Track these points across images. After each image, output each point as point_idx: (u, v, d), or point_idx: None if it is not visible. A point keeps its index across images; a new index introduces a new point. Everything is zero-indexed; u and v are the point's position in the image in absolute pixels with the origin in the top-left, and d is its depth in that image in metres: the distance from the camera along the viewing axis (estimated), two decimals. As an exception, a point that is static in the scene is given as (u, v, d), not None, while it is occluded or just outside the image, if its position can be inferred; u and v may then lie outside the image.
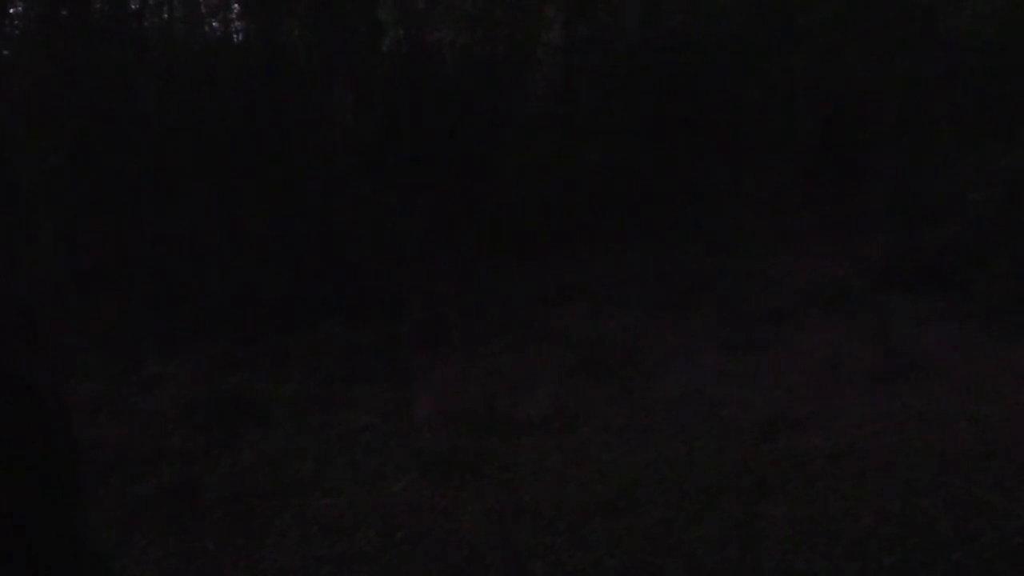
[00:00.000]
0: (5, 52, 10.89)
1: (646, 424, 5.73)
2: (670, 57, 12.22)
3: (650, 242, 9.82)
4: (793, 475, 5.07)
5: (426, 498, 5.02)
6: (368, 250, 8.68)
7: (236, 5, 13.18)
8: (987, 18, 12.60)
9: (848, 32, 11.63)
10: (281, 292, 7.28)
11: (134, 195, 8.89)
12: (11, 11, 11.07)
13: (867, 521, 4.62)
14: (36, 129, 8.57)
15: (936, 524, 4.56)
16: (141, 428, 5.91)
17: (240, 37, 13.01)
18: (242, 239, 8.95)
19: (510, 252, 9.55)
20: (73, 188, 8.70)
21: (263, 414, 6.01)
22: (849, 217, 10.41)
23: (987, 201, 8.52)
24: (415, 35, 12.87)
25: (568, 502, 4.87)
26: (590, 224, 10.31)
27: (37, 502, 1.15)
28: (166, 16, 11.97)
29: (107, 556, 1.29)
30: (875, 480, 5.00)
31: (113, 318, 7.08)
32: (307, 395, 6.28)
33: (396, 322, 7.21)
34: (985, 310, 7.15)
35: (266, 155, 9.50)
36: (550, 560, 4.42)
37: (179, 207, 9.02)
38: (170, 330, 7.07)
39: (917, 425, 5.58)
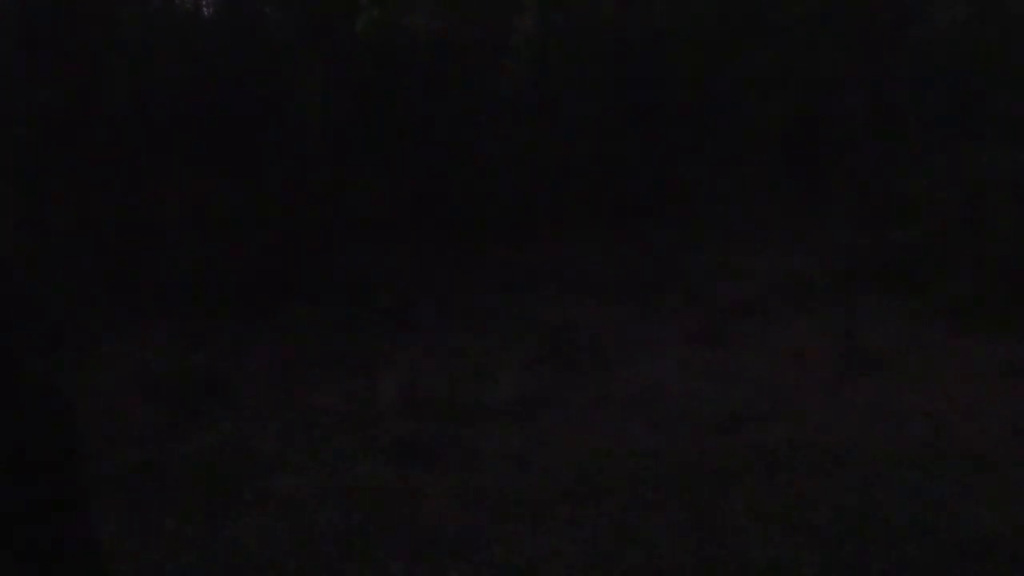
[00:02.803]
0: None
1: (610, 413, 5.75)
2: (644, 48, 12.25)
3: (619, 232, 9.85)
4: (754, 467, 5.12)
5: (388, 481, 5.02)
6: (335, 231, 8.64)
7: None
8: (958, 22, 12.74)
9: (821, 30, 11.72)
10: (246, 271, 7.23)
11: (102, 169, 8.79)
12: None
13: (825, 512, 4.67)
14: (4, 100, 8.45)
15: (892, 517, 4.63)
16: (102, 406, 5.86)
17: (212, 12, 12.87)
18: (209, 216, 8.87)
19: (478, 238, 9.54)
20: (40, 161, 8.59)
21: (226, 394, 5.98)
22: (817, 213, 10.50)
23: (952, 201, 8.63)
24: (390, 17, 12.80)
25: (530, 488, 4.89)
26: (559, 212, 10.33)
27: (50, 499, 1.16)
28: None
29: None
30: (834, 473, 5.06)
31: (76, 293, 7.01)
32: (271, 375, 6.25)
33: (362, 305, 7.19)
34: (947, 308, 7.25)
35: (236, 132, 9.42)
36: (511, 546, 4.43)
37: (146, 182, 8.93)
38: (133, 306, 7.01)
39: (877, 420, 5.66)
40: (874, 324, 7.10)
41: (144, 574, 4.21)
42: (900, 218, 9.17)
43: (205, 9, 13.07)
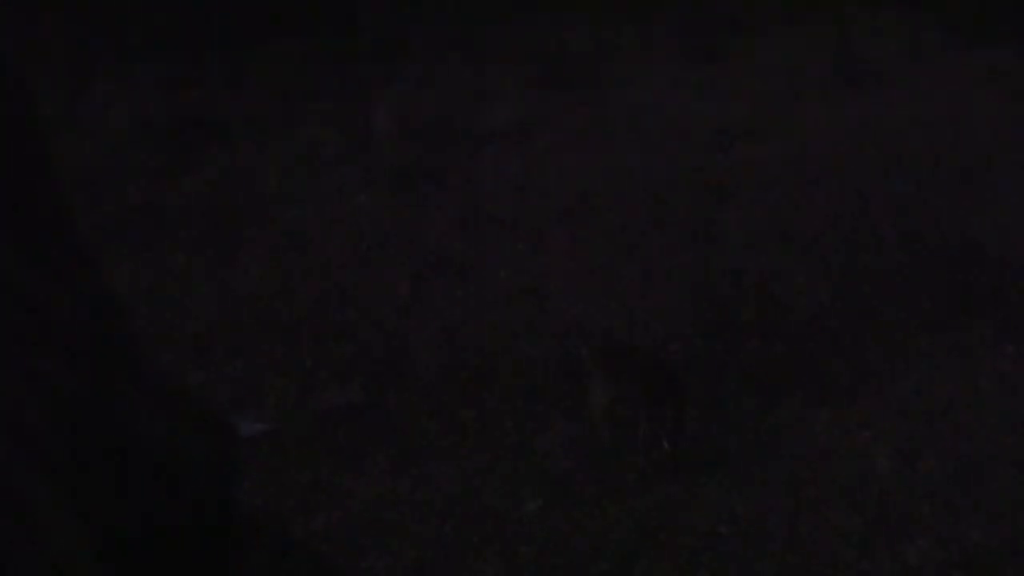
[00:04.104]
0: None
1: (606, 133, 5.77)
2: None
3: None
4: (748, 182, 5.19)
5: (389, 209, 5.10)
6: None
7: None
8: None
9: None
10: (231, 7, 7.01)
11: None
12: None
13: (818, 225, 4.80)
14: None
15: (883, 226, 4.76)
16: (98, 147, 5.84)
17: None
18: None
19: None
20: None
21: (222, 132, 5.95)
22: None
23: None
24: None
25: (529, 210, 4.98)
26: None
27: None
28: None
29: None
30: (827, 186, 5.15)
31: (60, 37, 6.82)
32: (265, 112, 6.20)
33: (352, 37, 7.02)
34: (945, 20, 7.11)
35: None
36: (513, 266, 4.58)
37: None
38: (119, 49, 6.84)
39: (870, 133, 5.68)
40: (871, 38, 6.98)
41: (161, 308, 4.37)
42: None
43: None
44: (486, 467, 3.42)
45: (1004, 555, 2.75)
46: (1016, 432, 3.29)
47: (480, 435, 3.57)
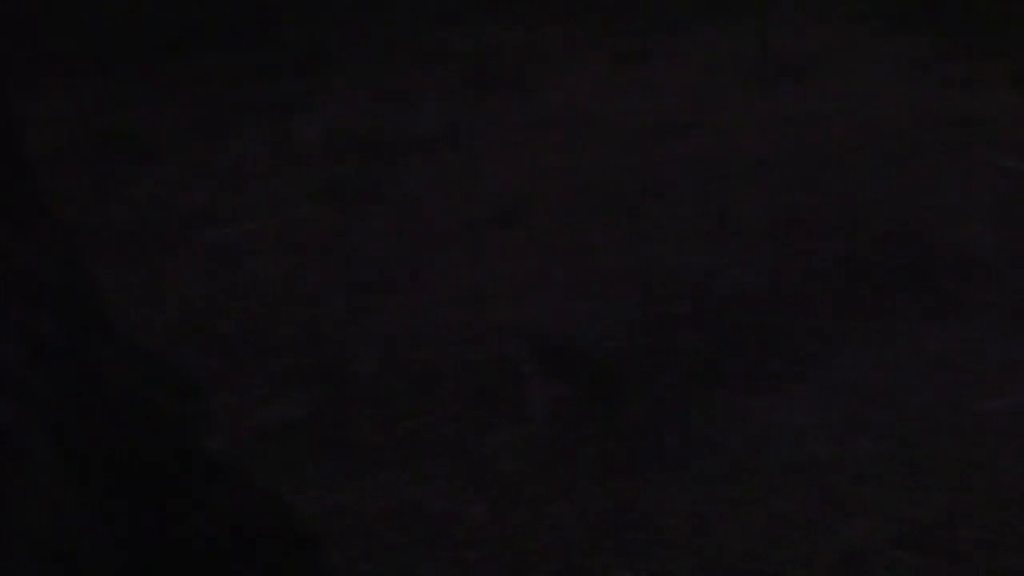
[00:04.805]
0: None
1: (537, 135, 5.79)
2: None
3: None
4: (680, 179, 5.24)
5: (321, 222, 5.07)
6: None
7: None
8: None
9: None
10: (150, 23, 6.92)
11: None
12: None
13: (750, 217, 4.86)
14: None
15: (816, 216, 4.83)
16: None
17: None
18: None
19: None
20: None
21: (146, 150, 5.87)
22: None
23: None
24: None
25: (464, 216, 4.97)
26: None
27: None
28: None
29: None
30: (759, 178, 5.21)
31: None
32: (188, 129, 6.13)
33: (275, 49, 6.97)
34: (867, 10, 7.25)
35: None
36: (450, 272, 4.57)
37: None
38: (35, 66, 6.72)
39: (798, 124, 5.77)
40: (795, 31, 7.09)
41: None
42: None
43: None
44: (431, 474, 3.40)
45: (942, 530, 2.80)
46: (947, 409, 3.36)
47: (424, 443, 3.55)
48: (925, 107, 5.85)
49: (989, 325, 3.83)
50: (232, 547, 1.31)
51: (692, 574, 2.77)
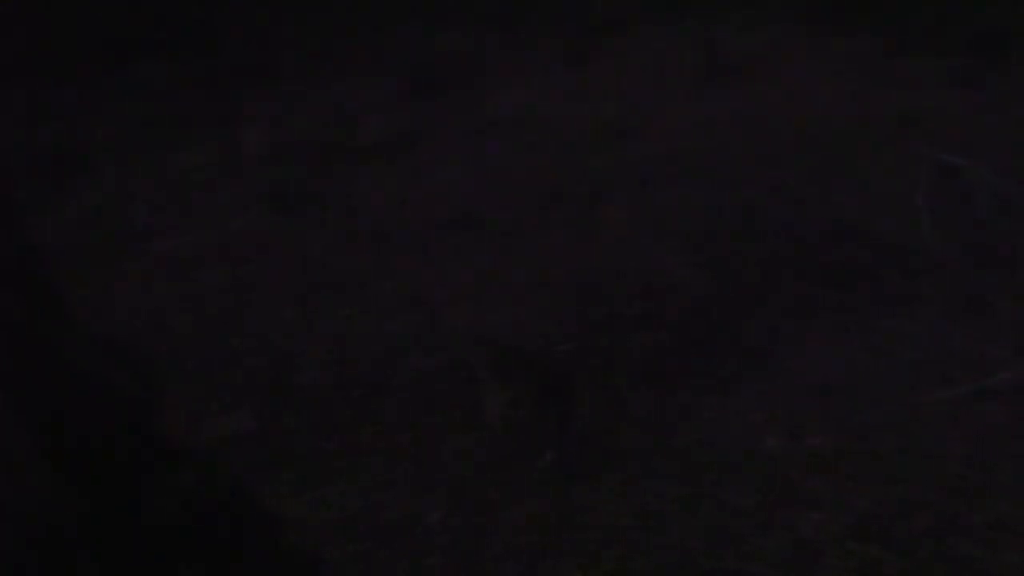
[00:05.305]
0: None
1: (482, 141, 5.79)
2: None
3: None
4: (626, 180, 5.26)
5: (267, 232, 5.01)
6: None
7: None
8: None
9: None
10: (89, 33, 6.80)
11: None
12: None
13: (695, 217, 4.89)
14: None
15: (761, 216, 4.87)
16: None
17: None
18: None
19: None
20: None
21: (85, 163, 5.77)
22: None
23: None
24: None
25: (411, 223, 4.95)
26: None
27: None
28: None
29: None
30: (703, 179, 5.25)
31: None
32: (130, 140, 6.04)
33: (217, 59, 6.89)
34: (807, 12, 7.34)
35: None
36: (398, 279, 4.54)
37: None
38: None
39: (741, 126, 5.82)
40: (737, 33, 7.16)
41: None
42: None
43: None
44: (386, 481, 3.37)
45: (893, 520, 2.82)
46: (895, 401, 3.39)
47: (377, 450, 3.51)
48: (866, 105, 5.93)
49: (934, 317, 3.88)
50: (193, 523, 1.34)
51: (649, 573, 2.77)
